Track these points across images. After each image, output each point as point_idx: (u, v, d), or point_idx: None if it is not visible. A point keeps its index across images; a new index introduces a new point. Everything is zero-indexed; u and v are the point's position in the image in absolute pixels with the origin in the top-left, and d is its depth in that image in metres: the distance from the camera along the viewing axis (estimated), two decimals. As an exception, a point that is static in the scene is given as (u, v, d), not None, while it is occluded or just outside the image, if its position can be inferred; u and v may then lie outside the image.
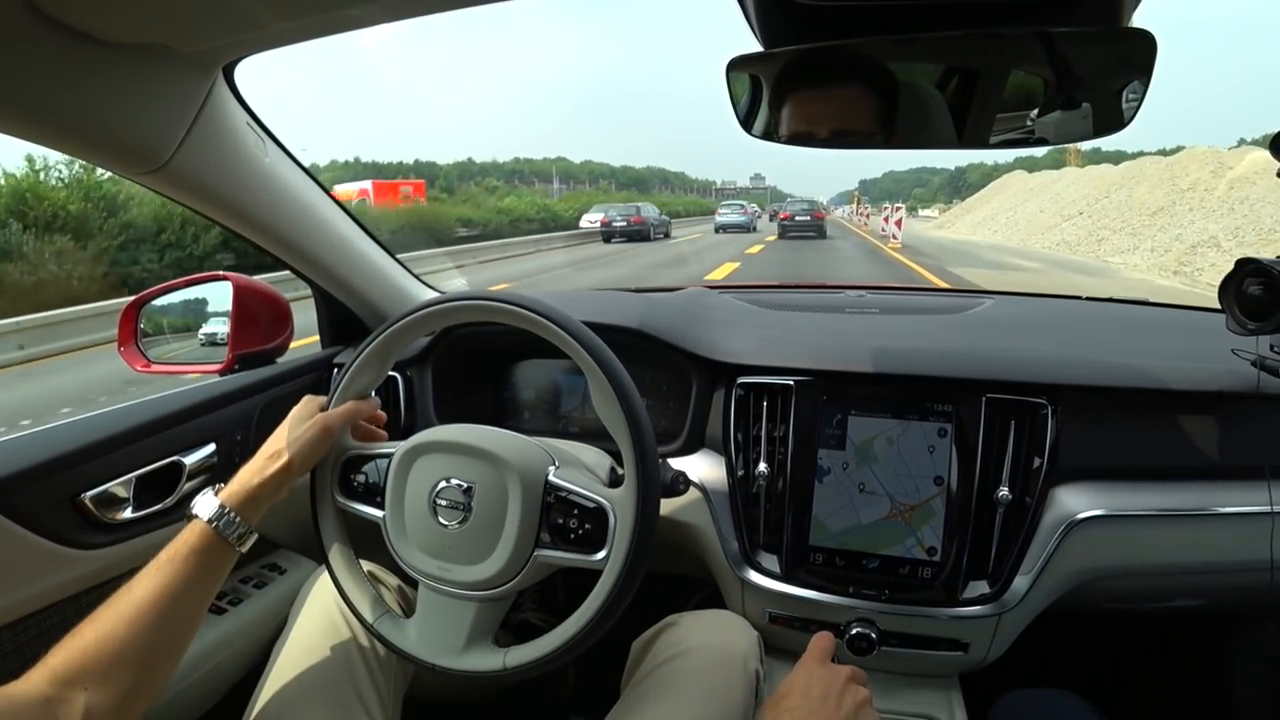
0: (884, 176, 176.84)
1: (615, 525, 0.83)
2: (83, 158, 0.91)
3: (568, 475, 0.88)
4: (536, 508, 0.86)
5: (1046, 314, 1.56)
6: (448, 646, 0.88)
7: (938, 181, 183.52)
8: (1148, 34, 0.64)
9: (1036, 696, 0.98)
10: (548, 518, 0.86)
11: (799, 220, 26.80)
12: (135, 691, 0.72)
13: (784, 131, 0.81)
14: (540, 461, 0.88)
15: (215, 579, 0.80)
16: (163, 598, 0.74)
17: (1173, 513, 1.08)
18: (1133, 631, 1.59)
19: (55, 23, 0.70)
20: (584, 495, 0.85)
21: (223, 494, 0.82)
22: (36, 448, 0.94)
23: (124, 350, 1.32)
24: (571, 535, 0.85)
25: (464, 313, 0.89)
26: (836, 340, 1.27)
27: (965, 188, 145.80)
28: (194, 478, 1.11)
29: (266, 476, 0.84)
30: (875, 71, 0.76)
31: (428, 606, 0.90)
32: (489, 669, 0.86)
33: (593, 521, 0.84)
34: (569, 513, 0.85)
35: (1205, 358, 1.15)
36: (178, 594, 0.75)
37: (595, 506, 0.84)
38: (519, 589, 0.88)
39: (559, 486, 0.86)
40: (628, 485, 0.83)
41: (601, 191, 52.66)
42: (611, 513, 0.83)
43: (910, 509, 1.11)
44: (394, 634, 0.91)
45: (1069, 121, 0.72)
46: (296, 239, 1.19)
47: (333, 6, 0.75)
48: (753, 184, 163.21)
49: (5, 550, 0.89)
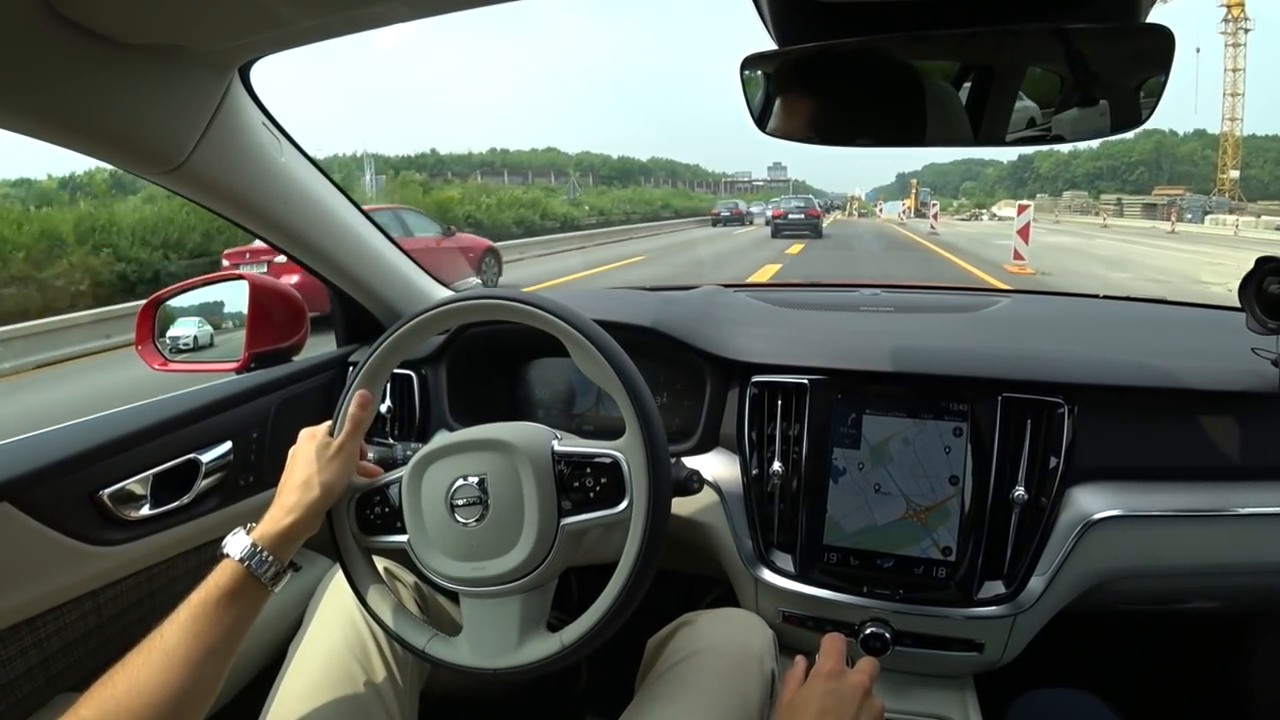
0: (925, 169, 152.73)
1: (630, 471, 0.83)
2: (101, 158, 0.92)
3: (572, 441, 0.89)
4: (550, 480, 0.86)
5: (1063, 313, 1.55)
6: (504, 647, 0.87)
7: (992, 174, 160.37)
8: (1165, 30, 0.64)
9: (1052, 697, 0.98)
10: (564, 486, 0.86)
11: (792, 219, 25.70)
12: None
13: (798, 129, 0.80)
14: (542, 436, 0.89)
15: (247, 621, 0.79)
16: (196, 644, 0.73)
17: (1190, 513, 1.07)
18: (1148, 632, 1.58)
19: (73, 25, 0.71)
20: (592, 452, 0.86)
21: (255, 533, 0.80)
22: (55, 445, 0.95)
23: (141, 349, 1.33)
24: (590, 495, 0.85)
25: (477, 312, 0.90)
26: (851, 339, 1.27)
27: (1034, 179, 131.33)
28: (210, 475, 1.12)
29: (301, 512, 0.83)
30: (890, 69, 0.76)
31: (473, 616, 0.90)
32: (550, 654, 0.85)
33: (608, 476, 0.85)
34: (583, 474, 0.86)
35: (1224, 357, 1.14)
36: (210, 640, 0.74)
37: (608, 460, 0.85)
38: (556, 569, 0.87)
39: (566, 453, 0.87)
40: (630, 429, 0.83)
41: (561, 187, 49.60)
42: (623, 461, 0.84)
43: (926, 509, 1.11)
44: (448, 653, 0.90)
45: (1086, 118, 0.72)
46: (312, 238, 1.19)
47: (350, 6, 0.75)
48: (771, 176, 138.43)
49: (24, 547, 0.89)
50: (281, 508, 0.83)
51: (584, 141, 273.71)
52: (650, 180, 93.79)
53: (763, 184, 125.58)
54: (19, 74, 0.72)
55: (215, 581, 0.76)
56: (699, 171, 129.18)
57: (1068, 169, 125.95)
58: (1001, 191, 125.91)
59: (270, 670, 0.98)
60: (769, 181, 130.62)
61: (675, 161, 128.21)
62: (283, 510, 0.83)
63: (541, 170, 70.11)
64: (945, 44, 0.75)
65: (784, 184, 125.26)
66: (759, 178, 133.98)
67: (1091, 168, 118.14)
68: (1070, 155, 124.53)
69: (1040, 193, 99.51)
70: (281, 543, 0.81)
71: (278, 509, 0.83)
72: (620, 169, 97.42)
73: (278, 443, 1.22)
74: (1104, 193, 70.46)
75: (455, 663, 0.89)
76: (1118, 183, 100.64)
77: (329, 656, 0.94)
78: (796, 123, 0.80)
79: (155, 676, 0.70)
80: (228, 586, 0.76)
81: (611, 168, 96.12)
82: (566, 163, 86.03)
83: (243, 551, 0.78)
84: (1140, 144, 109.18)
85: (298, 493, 0.84)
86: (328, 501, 0.86)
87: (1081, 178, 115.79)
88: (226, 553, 0.79)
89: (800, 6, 0.68)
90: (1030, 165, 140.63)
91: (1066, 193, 67.35)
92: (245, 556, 0.78)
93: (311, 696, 0.90)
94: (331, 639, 0.96)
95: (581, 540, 0.89)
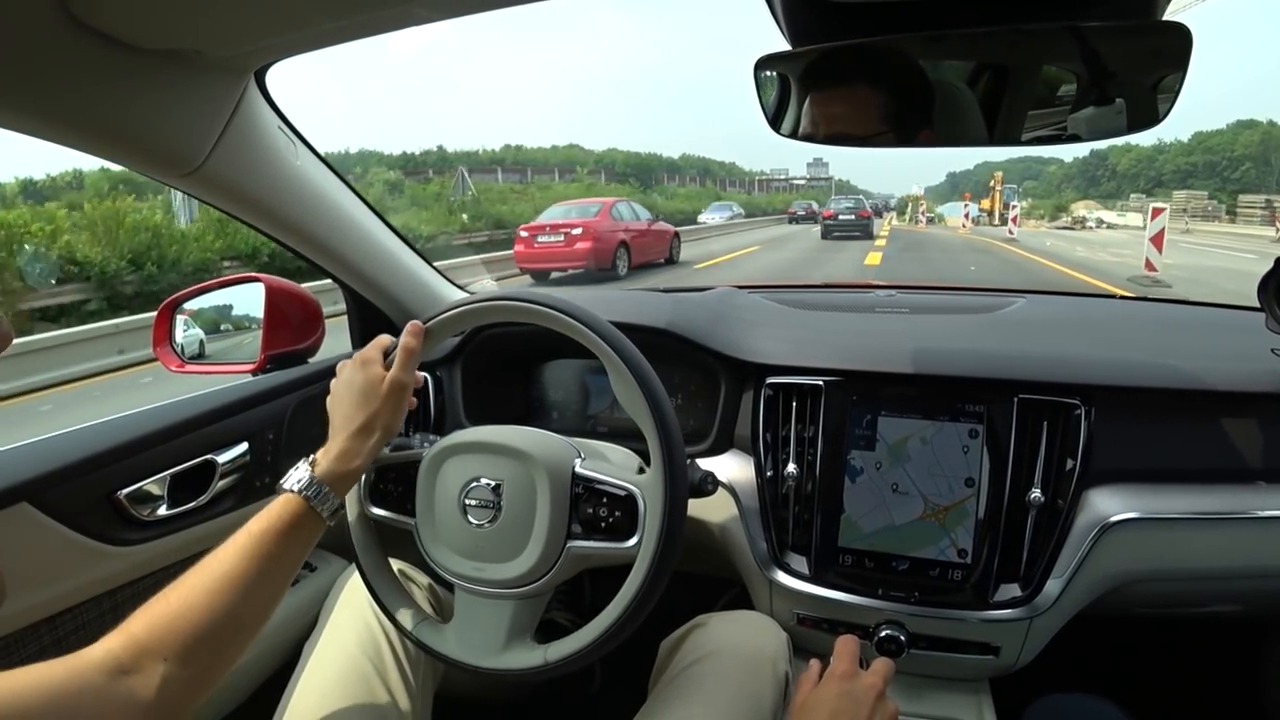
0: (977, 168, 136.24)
1: (645, 511, 0.83)
2: (119, 162, 0.93)
3: (594, 466, 0.88)
4: (565, 500, 0.86)
5: (1079, 313, 1.54)
6: (488, 647, 0.88)
7: (1056, 172, 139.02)
8: (1182, 27, 0.63)
9: (1068, 702, 0.97)
10: (577, 509, 0.86)
11: (842, 220, 25.51)
12: (213, 666, 0.72)
13: (812, 130, 0.80)
14: (565, 454, 0.89)
15: (302, 553, 0.81)
16: (253, 570, 0.74)
17: (1209, 516, 1.06)
18: (1167, 636, 1.56)
19: (92, 31, 0.71)
20: (612, 483, 0.85)
21: (319, 470, 0.82)
22: (74, 446, 0.96)
23: (159, 350, 1.34)
24: (602, 524, 0.85)
25: (493, 313, 0.90)
26: (866, 340, 1.27)
27: (1109, 177, 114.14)
28: (227, 476, 1.13)
29: (365, 457, 0.85)
30: (904, 69, 0.76)
31: (465, 610, 0.91)
32: (531, 665, 0.86)
33: (622, 509, 0.84)
34: (598, 502, 0.86)
35: (1243, 357, 1.13)
36: (268, 567, 0.75)
37: (624, 494, 0.84)
38: (554, 584, 0.88)
39: (586, 477, 0.86)
40: (654, 467, 0.83)
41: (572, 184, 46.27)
42: (640, 499, 0.83)
43: (944, 509, 1.10)
44: (434, 639, 0.91)
45: (1102, 117, 0.71)
46: (327, 240, 1.20)
47: (363, 10, 0.76)
48: (812, 174, 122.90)
49: (43, 546, 0.90)
50: (345, 453, 0.84)
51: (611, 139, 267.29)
52: (676, 179, 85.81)
53: (803, 183, 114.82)
54: (40, 80, 0.73)
55: (277, 513, 0.78)
56: (734, 170, 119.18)
57: (1151, 165, 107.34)
58: (1071, 192, 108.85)
59: (285, 670, 0.98)
60: (810, 180, 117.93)
61: (709, 159, 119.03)
62: (346, 455, 0.84)
63: (566, 168, 65.73)
64: (959, 43, 0.75)
65: (825, 182, 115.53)
66: (797, 175, 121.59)
67: (1183, 164, 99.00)
68: (1154, 150, 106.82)
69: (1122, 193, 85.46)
70: (341, 480, 0.83)
71: (340, 451, 0.84)
72: (640, 166, 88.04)
73: (294, 444, 1.23)
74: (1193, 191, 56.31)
75: (439, 651, 0.90)
76: (1216, 180, 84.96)
77: (343, 657, 0.95)
78: (810, 124, 0.80)
79: (211, 598, 0.72)
80: (290, 518, 0.78)
81: (630, 164, 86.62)
82: (587, 160, 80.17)
83: (305, 485, 0.80)
84: (1242, 136, 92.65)
85: (360, 438, 0.85)
86: (387, 440, 0.87)
87: (1170, 176, 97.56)
88: (289, 487, 0.80)
89: (813, 7, 0.68)
90: (1105, 162, 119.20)
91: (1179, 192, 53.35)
92: (311, 495, 0.80)
93: (326, 696, 0.90)
94: (346, 640, 0.97)
95: (584, 564, 0.88)
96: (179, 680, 0.68)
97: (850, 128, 0.80)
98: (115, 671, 0.65)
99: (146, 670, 0.66)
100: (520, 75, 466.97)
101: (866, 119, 0.80)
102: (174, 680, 0.67)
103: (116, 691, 0.64)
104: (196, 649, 0.70)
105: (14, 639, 0.89)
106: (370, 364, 0.88)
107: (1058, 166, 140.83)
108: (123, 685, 0.65)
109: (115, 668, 0.65)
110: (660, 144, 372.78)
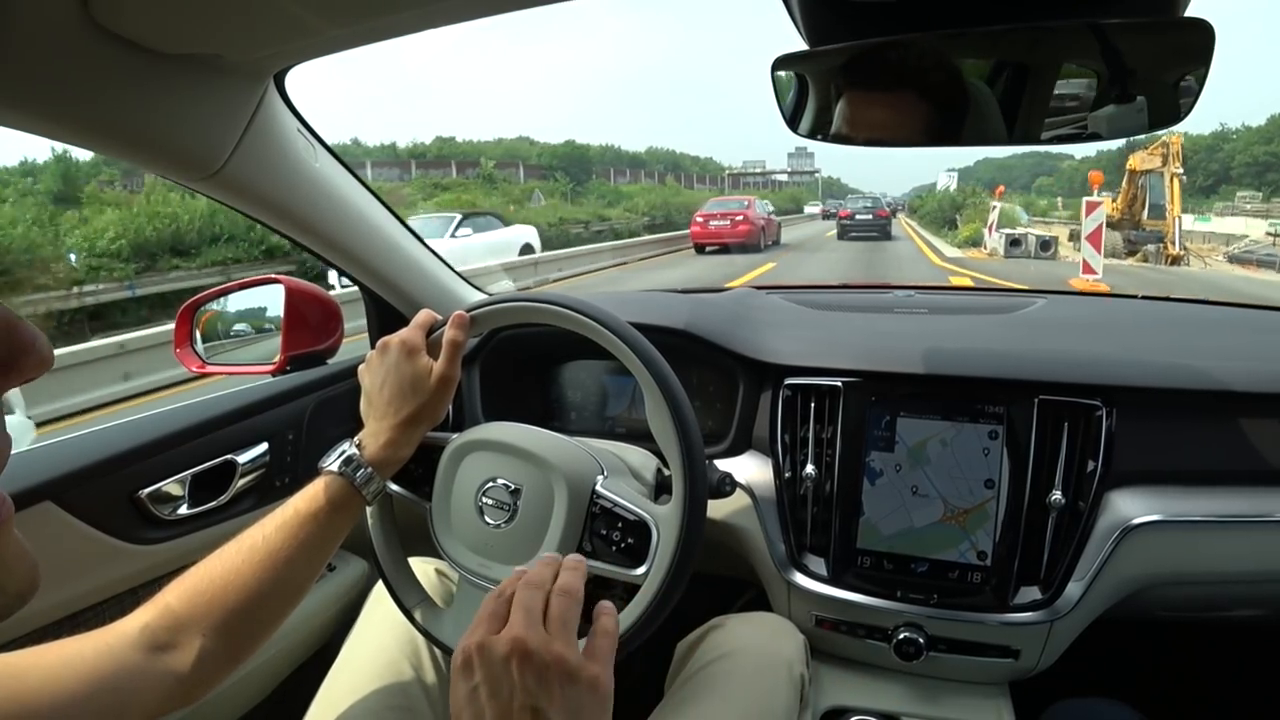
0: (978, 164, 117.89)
1: (658, 542, 0.82)
2: (138, 165, 0.94)
3: (615, 486, 0.88)
4: (582, 516, 0.86)
5: (1101, 313, 1.52)
6: None
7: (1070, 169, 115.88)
8: (1205, 23, 0.63)
9: (1088, 706, 0.96)
10: (592, 526, 0.86)
11: (860, 220, 25.33)
12: (248, 641, 0.73)
13: (831, 130, 0.80)
14: (589, 469, 0.88)
15: (342, 533, 0.82)
16: (296, 547, 0.76)
17: (1233, 519, 1.05)
18: (1189, 641, 1.54)
19: (113, 36, 0.72)
20: (629, 509, 0.85)
21: (366, 454, 0.84)
22: (97, 446, 0.97)
23: (180, 352, 1.35)
24: (614, 547, 0.85)
25: (514, 314, 0.90)
26: (885, 341, 1.26)
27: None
28: (247, 475, 1.14)
29: (411, 446, 0.88)
30: (924, 68, 0.76)
31: (465, 599, 0.91)
32: None
33: (635, 535, 0.84)
34: (613, 524, 0.85)
35: (1268, 358, 1.12)
36: (310, 545, 0.77)
37: (639, 520, 0.84)
38: None
39: (605, 497, 0.86)
40: (675, 501, 0.82)
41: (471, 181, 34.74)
42: (655, 529, 0.83)
43: (964, 512, 1.09)
44: (430, 621, 0.92)
45: (1124, 115, 0.71)
46: (346, 242, 1.21)
47: (383, 12, 0.76)
48: (794, 168, 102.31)
49: (66, 544, 0.92)
50: (393, 441, 0.85)
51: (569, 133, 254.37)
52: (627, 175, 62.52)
53: (785, 178, 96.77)
54: (61, 84, 0.74)
55: (323, 492, 0.80)
56: (710, 165, 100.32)
57: (1213, 157, 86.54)
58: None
59: (304, 668, 0.99)
60: (792, 176, 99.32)
61: (679, 153, 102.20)
62: (394, 443, 0.85)
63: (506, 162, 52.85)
64: (979, 41, 0.74)
65: (809, 177, 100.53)
66: (777, 169, 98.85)
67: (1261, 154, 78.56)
68: (1215, 138, 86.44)
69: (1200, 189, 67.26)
70: (389, 467, 0.86)
71: (389, 439, 0.85)
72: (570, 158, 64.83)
73: (313, 444, 1.24)
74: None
75: (434, 635, 0.91)
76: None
77: (378, 655, 0.96)
78: (828, 123, 0.80)
79: (252, 570, 0.73)
80: (334, 499, 0.80)
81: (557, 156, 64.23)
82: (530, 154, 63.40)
83: (349, 466, 0.82)
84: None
85: (408, 428, 0.86)
86: (430, 429, 0.90)
87: (1240, 170, 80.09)
88: (334, 469, 0.82)
89: (832, 6, 0.68)
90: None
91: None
92: (351, 471, 0.82)
93: (360, 694, 0.91)
94: (383, 639, 0.98)
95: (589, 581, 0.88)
96: (215, 654, 0.69)
97: (868, 128, 0.80)
98: (151, 647, 0.66)
99: (183, 645, 0.68)
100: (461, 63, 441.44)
101: (885, 119, 0.80)
102: (210, 654, 0.69)
103: (154, 667, 0.66)
104: (235, 623, 0.71)
105: (36, 635, 0.90)
106: (416, 354, 0.88)
107: (1074, 165, 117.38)
108: (160, 661, 0.66)
109: (151, 643, 0.66)
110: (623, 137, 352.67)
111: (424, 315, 0.91)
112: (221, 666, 0.70)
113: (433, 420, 0.88)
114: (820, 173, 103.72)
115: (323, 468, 0.83)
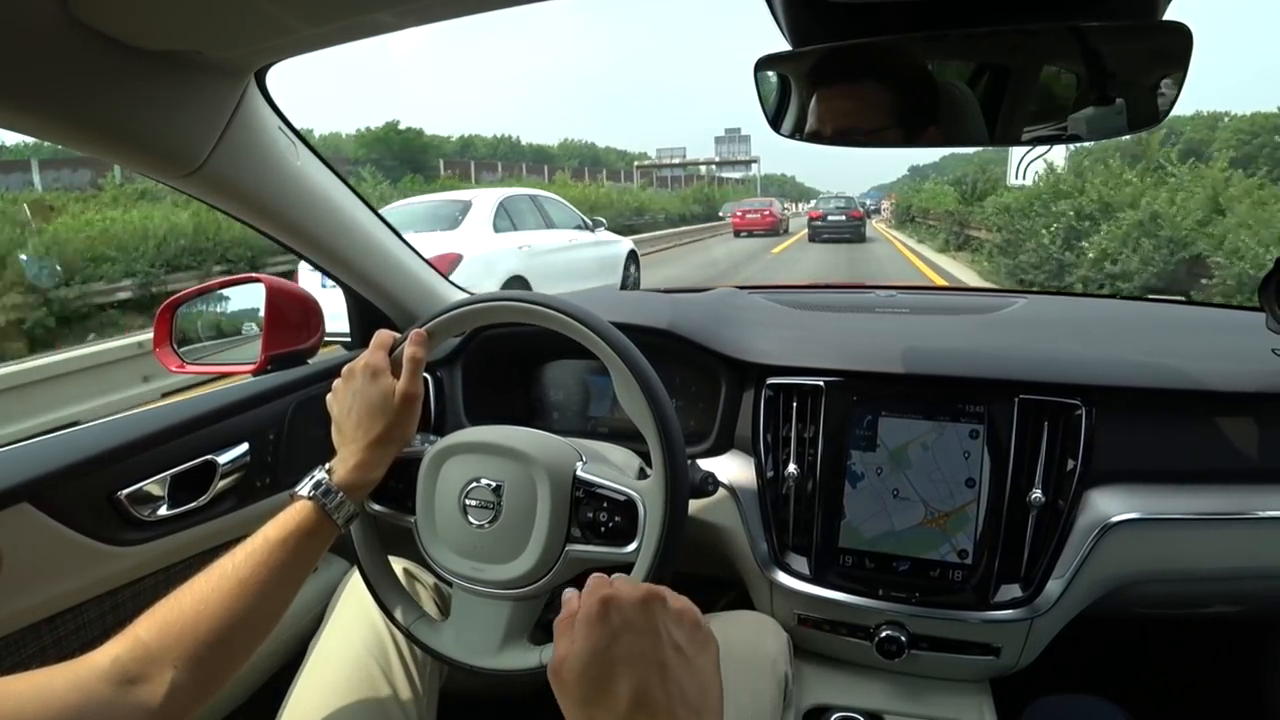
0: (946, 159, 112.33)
1: (645, 516, 0.83)
2: (118, 162, 0.93)
3: (595, 470, 0.88)
4: (566, 503, 0.86)
5: (1080, 314, 1.54)
6: (484, 647, 0.88)
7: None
8: (1183, 27, 0.63)
9: (1069, 702, 0.97)
10: (577, 513, 0.86)
11: (832, 220, 24.48)
12: (220, 672, 0.72)
13: (814, 130, 0.80)
14: (567, 457, 0.89)
15: (314, 559, 0.82)
16: (267, 576, 0.75)
17: (1211, 516, 1.06)
18: (1168, 637, 1.56)
19: (91, 30, 0.72)
20: (612, 488, 0.85)
21: (335, 479, 0.83)
22: (75, 446, 0.96)
23: (159, 351, 1.34)
24: (602, 529, 0.85)
25: (493, 314, 0.90)
26: (867, 340, 1.26)
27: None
28: (227, 476, 1.13)
29: (381, 468, 0.87)
30: (906, 69, 0.76)
31: (462, 608, 0.91)
32: (526, 667, 0.86)
33: (622, 514, 0.84)
34: (599, 506, 0.86)
35: (1244, 357, 1.13)
36: (282, 573, 0.76)
37: (624, 499, 0.84)
38: (552, 586, 0.88)
39: (587, 481, 0.86)
40: (656, 474, 0.83)
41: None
42: (641, 504, 0.83)
43: (945, 515, 1.10)
44: (430, 637, 0.92)
45: (1103, 117, 0.71)
46: (328, 240, 1.20)
47: (362, 11, 0.76)
48: (723, 156, 78.50)
49: (43, 546, 0.90)
50: (363, 464, 0.85)
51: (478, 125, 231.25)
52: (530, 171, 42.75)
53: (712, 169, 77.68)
54: (40, 80, 0.73)
55: (293, 520, 0.79)
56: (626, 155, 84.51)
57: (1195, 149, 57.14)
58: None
59: (286, 669, 0.98)
60: (721, 166, 79.07)
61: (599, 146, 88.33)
62: (364, 466, 0.85)
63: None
64: (960, 43, 0.75)
65: (744, 167, 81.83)
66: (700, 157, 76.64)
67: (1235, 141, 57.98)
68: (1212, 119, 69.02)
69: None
70: (360, 490, 0.85)
71: (358, 462, 0.85)
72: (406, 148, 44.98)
73: (294, 444, 1.23)
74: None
75: (435, 648, 0.91)
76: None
77: (347, 656, 0.95)
78: (811, 123, 0.80)
79: (222, 599, 0.72)
80: (304, 525, 0.80)
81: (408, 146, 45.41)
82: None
83: (326, 497, 0.82)
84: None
85: (377, 450, 0.86)
86: (401, 448, 0.89)
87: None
88: (305, 494, 0.82)
89: (815, 7, 0.68)
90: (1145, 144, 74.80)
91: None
92: (328, 503, 0.82)
93: (329, 695, 0.90)
94: (350, 639, 0.97)
95: (583, 567, 0.88)
96: (186, 686, 0.68)
97: (851, 128, 0.80)
98: (122, 680, 0.65)
99: (155, 678, 0.67)
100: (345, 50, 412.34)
101: (868, 119, 0.80)
102: (182, 686, 0.68)
103: (124, 700, 0.64)
104: (206, 655, 0.70)
105: (14, 639, 0.89)
106: (380, 375, 0.88)
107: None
108: (130, 695, 0.65)
109: (122, 676, 0.65)
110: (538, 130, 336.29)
111: (383, 335, 0.92)
112: (193, 699, 0.69)
113: (403, 439, 0.88)
114: (759, 162, 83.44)
115: (294, 494, 0.83)
